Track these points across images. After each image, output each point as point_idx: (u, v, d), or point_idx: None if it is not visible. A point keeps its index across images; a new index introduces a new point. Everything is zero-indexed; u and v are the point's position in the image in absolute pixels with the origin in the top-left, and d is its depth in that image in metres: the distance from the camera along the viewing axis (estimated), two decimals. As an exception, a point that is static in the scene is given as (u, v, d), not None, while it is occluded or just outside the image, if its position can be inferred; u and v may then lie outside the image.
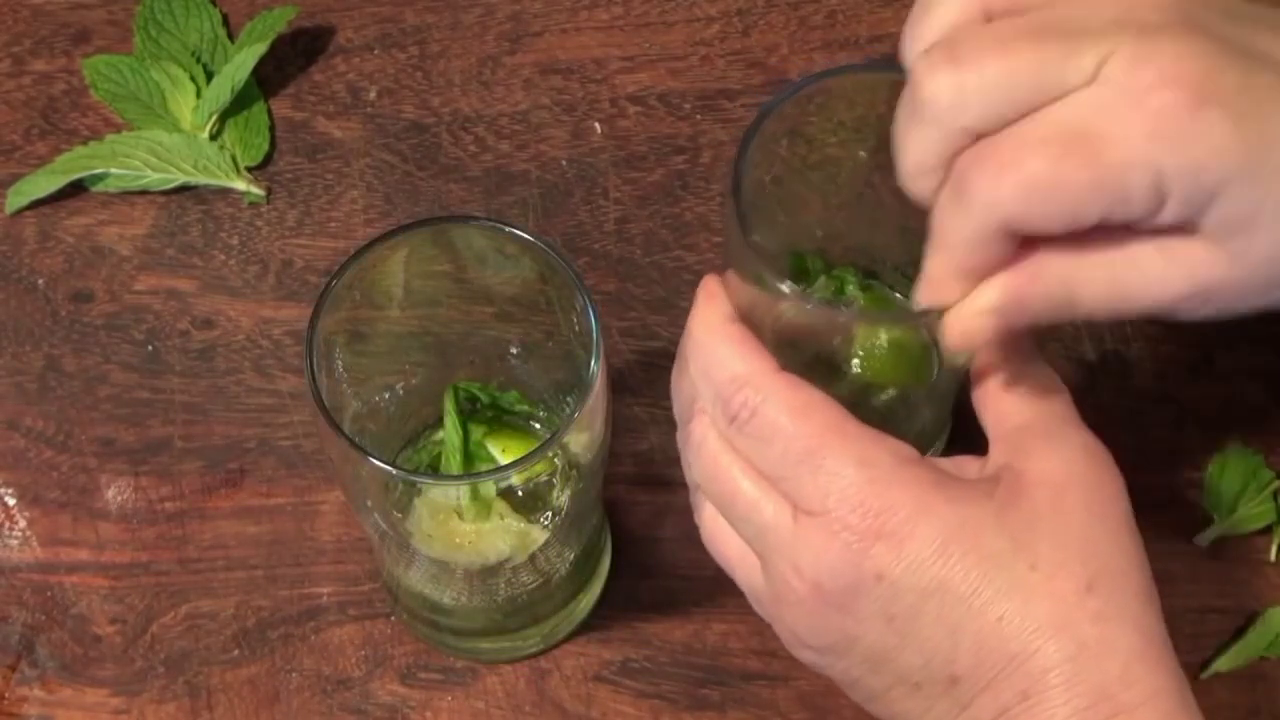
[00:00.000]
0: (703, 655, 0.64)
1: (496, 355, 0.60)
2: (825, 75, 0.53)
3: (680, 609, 0.65)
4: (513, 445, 0.60)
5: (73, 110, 0.74)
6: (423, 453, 0.62)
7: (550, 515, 0.58)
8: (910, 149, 0.46)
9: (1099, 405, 0.67)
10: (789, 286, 0.50)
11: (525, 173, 0.73)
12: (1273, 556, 0.65)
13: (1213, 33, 0.44)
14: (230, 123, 0.74)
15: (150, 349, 0.69)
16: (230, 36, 0.75)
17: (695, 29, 0.76)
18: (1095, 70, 0.44)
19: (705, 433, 0.52)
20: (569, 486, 0.58)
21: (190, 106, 0.73)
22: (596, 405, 0.52)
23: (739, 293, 0.52)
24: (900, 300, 0.60)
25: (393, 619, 0.65)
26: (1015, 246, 0.46)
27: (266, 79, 0.74)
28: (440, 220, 0.58)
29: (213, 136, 0.73)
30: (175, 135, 0.72)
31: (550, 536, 0.58)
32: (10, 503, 0.67)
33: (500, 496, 0.58)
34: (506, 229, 0.54)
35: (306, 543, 0.66)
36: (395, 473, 0.51)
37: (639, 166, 0.73)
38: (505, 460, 0.59)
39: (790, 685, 0.63)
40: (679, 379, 0.54)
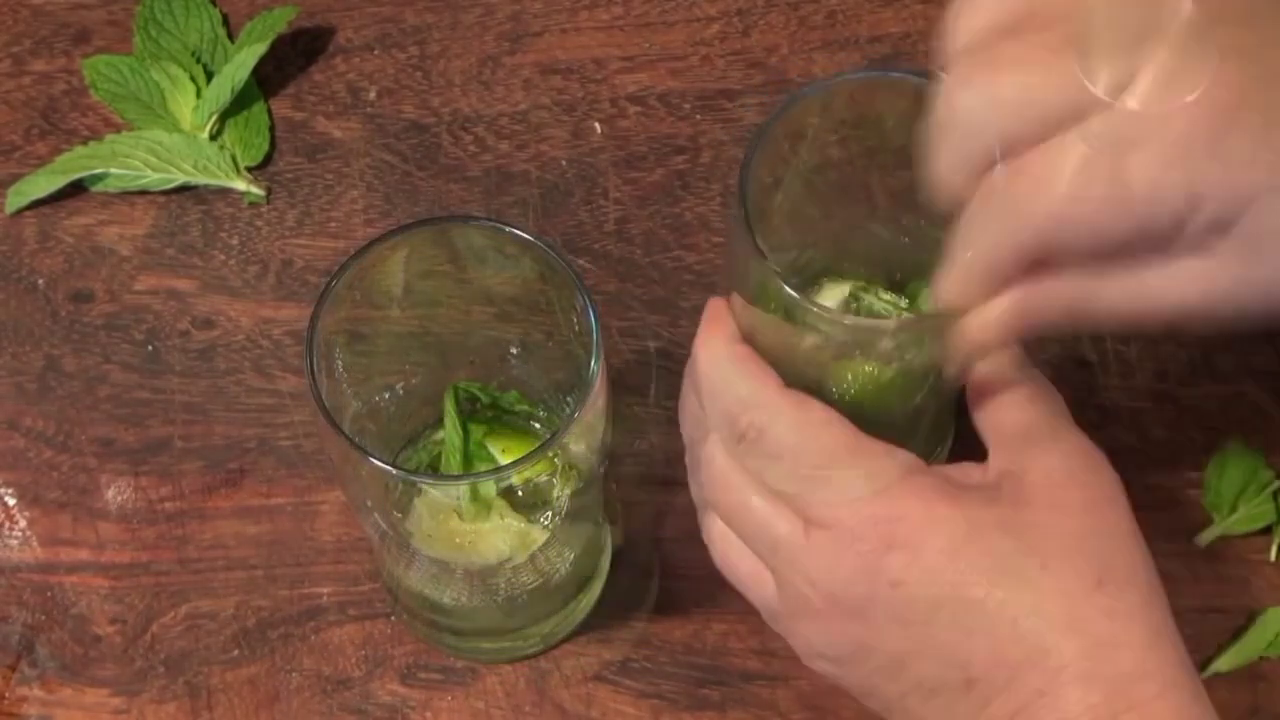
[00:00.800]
0: (703, 655, 0.64)
1: (496, 355, 0.60)
2: (831, 80, 0.53)
3: (680, 609, 0.65)
4: (513, 445, 0.60)
5: (73, 110, 0.74)
6: (423, 453, 0.62)
7: (550, 515, 0.58)
8: (941, 156, 0.47)
9: (1099, 405, 0.67)
10: (807, 300, 0.50)
11: (525, 173, 0.73)
12: (1273, 556, 0.65)
13: (1238, 44, 0.44)
14: (230, 123, 0.74)
15: (150, 349, 0.69)
16: (230, 36, 0.75)
17: (695, 29, 0.76)
18: (1126, 85, 0.44)
19: (714, 453, 0.52)
20: (569, 486, 0.58)
21: (190, 106, 0.73)
22: (596, 405, 0.52)
23: (742, 314, 0.53)
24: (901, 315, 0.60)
25: (393, 619, 0.65)
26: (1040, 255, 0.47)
27: (266, 79, 0.74)
28: (440, 220, 0.58)
29: (213, 136, 0.73)
30: (175, 135, 0.72)
31: (550, 536, 0.58)
32: (10, 503, 0.67)
33: (500, 496, 0.58)
34: (506, 229, 0.54)
35: (306, 543, 0.66)
36: (395, 473, 0.51)
37: (639, 166, 0.73)
38: (505, 460, 0.59)
39: (790, 685, 0.63)
40: (686, 402, 0.54)
